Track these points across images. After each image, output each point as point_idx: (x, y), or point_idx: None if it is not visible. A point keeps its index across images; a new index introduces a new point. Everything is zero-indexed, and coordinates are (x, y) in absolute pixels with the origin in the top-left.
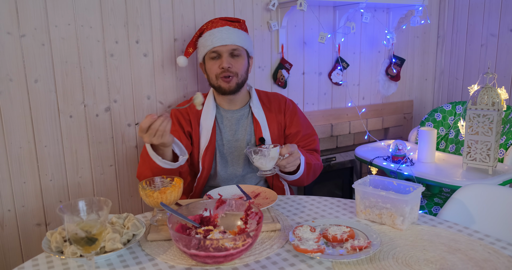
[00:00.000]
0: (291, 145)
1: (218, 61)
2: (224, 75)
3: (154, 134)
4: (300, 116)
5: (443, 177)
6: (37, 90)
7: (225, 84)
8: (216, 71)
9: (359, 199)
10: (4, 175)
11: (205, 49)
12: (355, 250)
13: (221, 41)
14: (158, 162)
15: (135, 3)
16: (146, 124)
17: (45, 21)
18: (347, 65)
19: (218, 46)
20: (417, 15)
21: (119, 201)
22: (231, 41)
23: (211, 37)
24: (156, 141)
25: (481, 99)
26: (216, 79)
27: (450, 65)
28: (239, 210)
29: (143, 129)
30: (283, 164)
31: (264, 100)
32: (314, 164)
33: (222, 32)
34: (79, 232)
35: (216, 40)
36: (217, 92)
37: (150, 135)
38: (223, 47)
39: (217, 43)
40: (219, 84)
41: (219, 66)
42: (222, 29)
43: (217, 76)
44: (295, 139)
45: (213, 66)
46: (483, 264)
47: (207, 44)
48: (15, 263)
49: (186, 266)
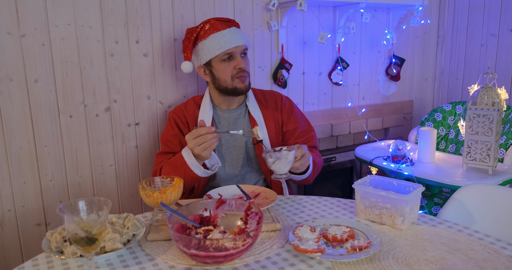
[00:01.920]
0: (302, 147)
1: (231, 62)
2: (241, 75)
3: (201, 143)
4: (297, 113)
5: (443, 177)
6: (37, 90)
7: (242, 84)
8: (231, 72)
9: (359, 199)
10: (4, 175)
11: (216, 51)
12: (355, 250)
13: (235, 42)
14: (197, 171)
15: (135, 3)
16: (202, 131)
17: (45, 21)
18: (347, 65)
19: (233, 47)
20: (417, 15)
21: (119, 201)
22: (242, 42)
23: (223, 38)
24: (198, 151)
25: (481, 99)
26: (231, 80)
27: (450, 65)
28: (239, 210)
29: (196, 134)
30: (297, 166)
31: (261, 98)
32: (318, 161)
33: (232, 33)
34: (79, 232)
35: (230, 42)
36: (228, 94)
37: (196, 143)
38: (236, 48)
39: (231, 44)
40: (235, 85)
41: (235, 67)
42: (231, 30)
43: (233, 77)
44: (293, 136)
45: (227, 67)
46: (483, 264)
47: (219, 46)
48: (15, 263)
49: (186, 266)
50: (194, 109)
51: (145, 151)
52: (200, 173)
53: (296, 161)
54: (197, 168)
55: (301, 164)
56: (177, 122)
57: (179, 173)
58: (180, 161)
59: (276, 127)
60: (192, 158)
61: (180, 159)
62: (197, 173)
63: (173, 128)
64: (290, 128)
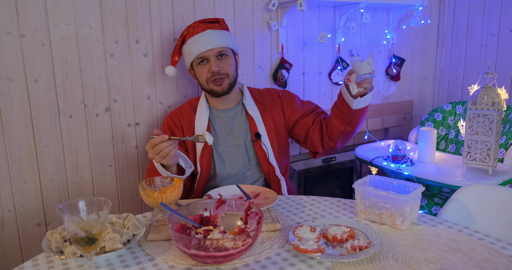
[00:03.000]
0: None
1: (206, 65)
2: (215, 78)
3: (158, 152)
4: (297, 100)
5: (443, 177)
6: (37, 90)
7: (218, 87)
8: (206, 75)
9: (359, 199)
10: (4, 175)
11: (191, 56)
12: (355, 250)
13: (206, 46)
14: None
15: (135, 3)
16: (156, 141)
17: (45, 21)
18: (347, 65)
19: (204, 51)
20: (417, 15)
21: (119, 201)
22: (216, 44)
23: (195, 43)
24: (158, 159)
25: (481, 99)
26: (207, 83)
27: (450, 65)
28: (239, 210)
29: (152, 144)
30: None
31: (257, 96)
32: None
33: (205, 36)
34: (79, 232)
35: (201, 46)
36: (211, 95)
37: (154, 152)
38: (209, 52)
39: (202, 48)
40: (211, 88)
41: (209, 71)
42: (205, 34)
43: (207, 80)
44: (306, 118)
45: (202, 71)
46: (483, 264)
47: (192, 51)
48: (15, 263)
49: (186, 266)
50: (190, 113)
51: (145, 151)
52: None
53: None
54: (165, 173)
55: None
56: (171, 127)
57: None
58: (153, 168)
59: (276, 123)
60: (159, 165)
61: (153, 166)
62: None
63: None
64: (298, 115)
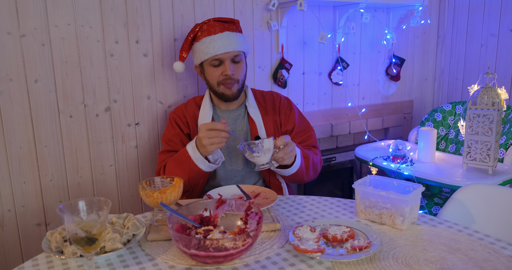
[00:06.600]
0: (284, 136)
1: (220, 68)
2: (228, 82)
3: (212, 137)
4: (295, 113)
5: (443, 177)
6: (37, 90)
7: (229, 91)
8: (218, 78)
9: (359, 199)
10: (4, 175)
11: (205, 56)
12: (355, 250)
13: (224, 49)
14: (201, 165)
15: (135, 3)
16: (219, 126)
17: (45, 21)
18: (347, 65)
19: (221, 53)
20: (417, 15)
21: (119, 201)
22: (233, 48)
23: (212, 43)
24: (206, 142)
25: (481, 99)
26: (217, 85)
27: (450, 65)
28: (239, 210)
29: (212, 126)
30: (280, 155)
31: (260, 99)
32: (313, 157)
33: (223, 38)
34: (79, 232)
35: (218, 48)
36: (219, 98)
37: (207, 134)
38: (225, 54)
39: (219, 50)
40: (221, 91)
41: (222, 73)
42: (223, 35)
43: (219, 82)
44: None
45: (215, 73)
46: (483, 264)
47: (208, 51)
48: (15, 263)
49: (186, 266)
50: (194, 110)
51: (145, 151)
52: (205, 168)
53: (279, 151)
54: (202, 162)
55: (285, 153)
56: (177, 122)
57: (183, 168)
58: (185, 156)
59: (275, 128)
60: (196, 152)
61: (184, 154)
62: (202, 168)
63: (174, 128)
64: (289, 128)
